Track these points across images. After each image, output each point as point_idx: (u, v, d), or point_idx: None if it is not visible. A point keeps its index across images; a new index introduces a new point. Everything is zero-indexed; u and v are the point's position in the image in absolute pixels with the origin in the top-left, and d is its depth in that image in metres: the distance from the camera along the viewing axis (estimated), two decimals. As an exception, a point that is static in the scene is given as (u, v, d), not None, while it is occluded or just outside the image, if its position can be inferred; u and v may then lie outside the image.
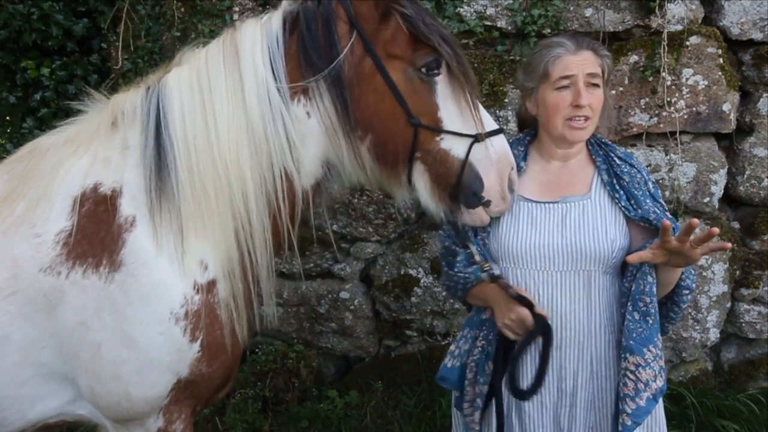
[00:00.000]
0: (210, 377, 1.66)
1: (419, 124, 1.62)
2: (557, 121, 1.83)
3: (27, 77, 3.40)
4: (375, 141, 1.65)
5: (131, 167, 1.62)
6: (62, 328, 1.57)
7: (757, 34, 3.11)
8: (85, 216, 1.58)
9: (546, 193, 1.88)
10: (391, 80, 1.61)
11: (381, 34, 1.61)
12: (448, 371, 1.98)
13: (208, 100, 1.59)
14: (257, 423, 3.30)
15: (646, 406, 1.73)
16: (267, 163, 1.59)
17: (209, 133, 1.58)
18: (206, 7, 3.29)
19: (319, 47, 1.59)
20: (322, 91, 1.60)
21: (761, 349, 3.44)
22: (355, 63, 1.60)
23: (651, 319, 1.76)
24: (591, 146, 1.94)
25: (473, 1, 3.11)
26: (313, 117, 1.63)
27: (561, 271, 1.82)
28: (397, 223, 3.34)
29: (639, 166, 1.91)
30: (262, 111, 1.57)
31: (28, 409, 1.64)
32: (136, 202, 1.59)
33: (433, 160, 1.66)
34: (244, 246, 1.61)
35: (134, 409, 1.62)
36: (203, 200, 1.58)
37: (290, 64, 1.61)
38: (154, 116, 1.61)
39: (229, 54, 1.61)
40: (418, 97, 1.63)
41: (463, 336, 1.98)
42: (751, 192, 3.24)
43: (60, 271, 1.55)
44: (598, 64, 1.83)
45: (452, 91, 1.66)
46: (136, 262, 1.55)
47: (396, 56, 1.62)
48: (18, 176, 1.67)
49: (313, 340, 3.59)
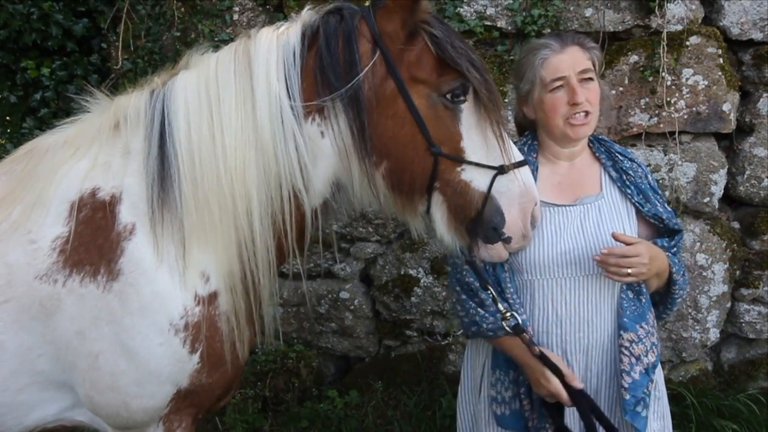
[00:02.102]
0: (210, 388, 1.63)
1: (440, 153, 1.53)
2: (557, 121, 1.83)
3: (27, 77, 3.39)
4: (391, 168, 1.57)
5: (132, 173, 1.57)
6: (59, 336, 1.54)
7: (757, 34, 3.10)
8: (83, 222, 1.54)
9: (561, 196, 1.87)
10: (413, 105, 1.52)
11: (406, 56, 1.53)
12: (510, 420, 1.89)
13: (216, 112, 1.52)
14: (257, 423, 3.30)
15: (639, 380, 1.76)
16: (275, 184, 1.52)
17: (215, 146, 1.51)
18: (206, 7, 3.28)
19: (338, 66, 1.50)
20: (338, 112, 1.52)
21: (761, 349, 3.44)
22: (375, 84, 1.52)
23: (643, 298, 1.82)
24: (592, 143, 1.95)
25: (473, 1, 3.11)
26: (326, 137, 1.55)
27: (587, 275, 1.81)
28: (397, 223, 3.34)
29: (637, 160, 1.93)
30: (273, 129, 1.50)
31: (25, 416, 1.62)
32: (136, 209, 1.54)
33: (453, 191, 1.57)
34: (246, 264, 1.55)
35: (133, 419, 1.60)
36: (206, 213, 1.52)
37: (306, 82, 1.52)
38: (159, 122, 1.55)
39: (242, 65, 1.54)
40: (440, 124, 1.54)
41: (498, 380, 1.91)
42: (751, 192, 3.24)
43: (56, 278, 1.52)
44: (587, 58, 1.83)
45: (477, 120, 1.57)
46: (135, 271, 1.51)
47: (420, 80, 1.53)
48: (15, 178, 1.64)
49: (313, 340, 3.59)
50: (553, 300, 1.82)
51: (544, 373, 1.70)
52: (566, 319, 1.82)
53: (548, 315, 1.82)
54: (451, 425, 3.22)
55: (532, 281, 1.84)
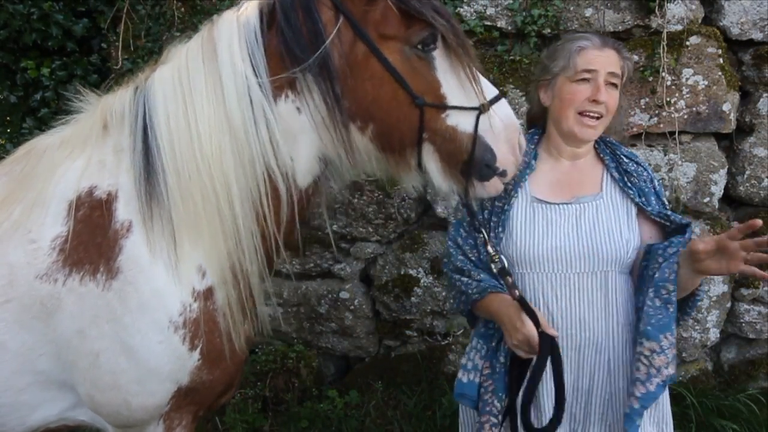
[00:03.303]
0: (211, 384, 1.63)
1: (425, 104, 1.53)
2: (569, 114, 1.82)
3: (27, 77, 3.40)
4: (378, 130, 1.57)
5: (125, 170, 1.57)
6: (59, 336, 1.54)
7: (757, 34, 3.10)
8: (81, 221, 1.54)
9: (558, 194, 1.87)
10: (388, 62, 1.51)
11: (370, 16, 1.51)
12: (465, 387, 1.91)
13: (189, 101, 1.51)
14: (257, 423, 3.30)
15: (655, 392, 1.71)
16: (251, 168, 1.51)
17: (191, 135, 1.50)
18: (206, 7, 3.28)
19: (302, 38, 1.48)
20: (310, 84, 1.50)
21: (761, 349, 3.44)
22: (345, 51, 1.51)
23: (672, 308, 1.73)
24: (598, 145, 1.94)
25: (473, 1, 3.11)
26: (303, 113, 1.54)
27: (578, 273, 1.81)
28: (397, 223, 3.34)
29: (644, 164, 1.91)
30: (242, 111, 1.49)
31: (27, 416, 1.63)
32: (130, 206, 1.55)
33: (442, 138, 1.57)
34: (234, 253, 1.55)
35: (134, 418, 1.60)
36: (191, 204, 1.52)
37: (273, 60, 1.51)
38: (141, 117, 1.55)
39: (208, 50, 1.53)
40: (418, 76, 1.54)
41: (473, 348, 1.94)
42: (751, 192, 3.24)
43: (56, 278, 1.52)
44: (619, 66, 1.83)
45: (451, 65, 1.57)
46: (133, 269, 1.51)
47: (390, 36, 1.52)
48: (15, 179, 1.64)
49: (313, 340, 3.59)
50: (544, 295, 1.82)
51: (521, 316, 1.68)
52: (558, 316, 1.81)
53: (540, 310, 1.80)
54: (451, 425, 3.22)
55: (522, 275, 1.84)
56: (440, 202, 3.25)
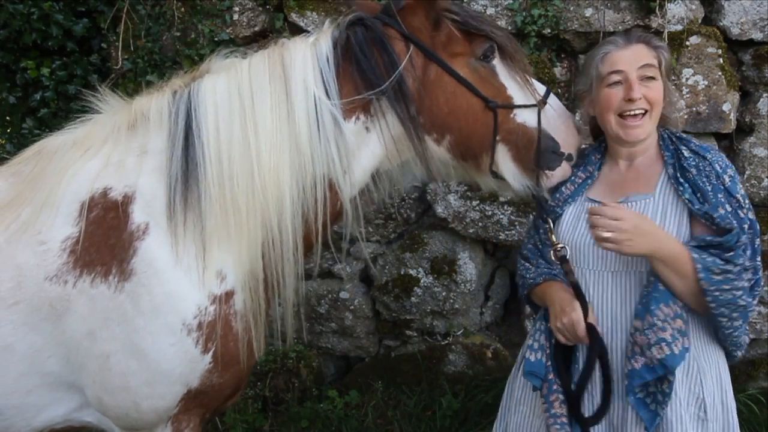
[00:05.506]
0: (221, 387, 1.64)
1: (498, 106, 1.73)
2: (610, 118, 1.82)
3: (27, 77, 3.39)
4: (456, 140, 1.75)
5: (148, 172, 1.58)
6: (69, 338, 1.54)
7: (757, 34, 3.10)
8: (94, 222, 1.54)
9: (610, 194, 1.85)
10: (460, 76, 1.70)
11: (437, 40, 1.71)
12: (534, 366, 1.87)
13: (250, 115, 1.58)
14: (257, 423, 3.30)
15: (639, 370, 1.69)
16: (311, 183, 1.60)
17: (249, 148, 1.57)
18: (206, 7, 3.28)
19: (378, 68, 1.65)
20: (384, 107, 1.66)
21: (761, 349, 3.44)
22: (419, 75, 1.69)
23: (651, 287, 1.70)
24: (663, 141, 1.87)
25: (473, 1, 3.11)
26: (372, 131, 1.69)
27: (613, 271, 1.80)
28: (397, 223, 3.35)
29: (713, 158, 1.78)
30: (310, 131, 1.59)
31: (33, 417, 1.62)
32: (150, 209, 1.55)
33: (515, 136, 1.77)
34: (270, 262, 1.61)
35: (143, 420, 1.60)
36: (232, 214, 1.56)
37: (345, 87, 1.65)
38: (183, 124, 1.59)
39: (276, 71, 1.62)
40: (486, 83, 1.74)
41: (537, 329, 1.93)
42: (751, 192, 3.24)
43: (66, 279, 1.52)
44: (652, 56, 1.81)
45: (509, 70, 1.78)
46: (147, 271, 1.52)
47: (457, 53, 1.72)
48: (24, 179, 1.64)
49: (313, 340, 3.59)
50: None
51: (572, 302, 1.75)
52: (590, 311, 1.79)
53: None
54: (451, 425, 3.22)
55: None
56: (440, 202, 3.25)
